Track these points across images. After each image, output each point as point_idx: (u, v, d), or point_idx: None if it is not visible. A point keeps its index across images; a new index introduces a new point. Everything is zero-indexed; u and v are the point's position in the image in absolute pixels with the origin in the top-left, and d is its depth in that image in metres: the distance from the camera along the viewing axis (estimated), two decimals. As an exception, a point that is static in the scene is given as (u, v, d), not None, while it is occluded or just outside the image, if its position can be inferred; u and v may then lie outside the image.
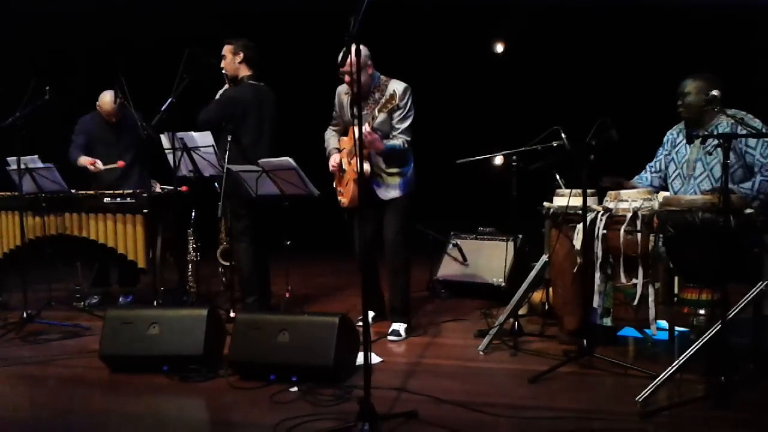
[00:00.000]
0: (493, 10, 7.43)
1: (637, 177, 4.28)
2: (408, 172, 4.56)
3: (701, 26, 6.49)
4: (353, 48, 2.94)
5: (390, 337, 4.49)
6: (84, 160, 5.38)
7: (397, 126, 4.44)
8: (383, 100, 4.30)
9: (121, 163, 5.37)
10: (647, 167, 4.27)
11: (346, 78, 4.43)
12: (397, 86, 4.42)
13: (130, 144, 5.51)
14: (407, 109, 4.44)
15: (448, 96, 7.55)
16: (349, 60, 3.14)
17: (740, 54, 6.38)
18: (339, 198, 4.70)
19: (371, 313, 4.72)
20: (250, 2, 7.47)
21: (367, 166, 4.40)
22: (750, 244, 3.46)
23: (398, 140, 4.43)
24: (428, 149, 4.77)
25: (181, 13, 7.35)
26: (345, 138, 4.66)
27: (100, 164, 5.35)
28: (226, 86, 4.98)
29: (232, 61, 4.91)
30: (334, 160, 4.65)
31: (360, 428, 2.89)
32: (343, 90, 4.67)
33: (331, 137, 4.78)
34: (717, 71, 3.93)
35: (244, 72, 4.91)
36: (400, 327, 4.54)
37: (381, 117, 4.34)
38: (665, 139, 4.22)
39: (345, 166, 4.57)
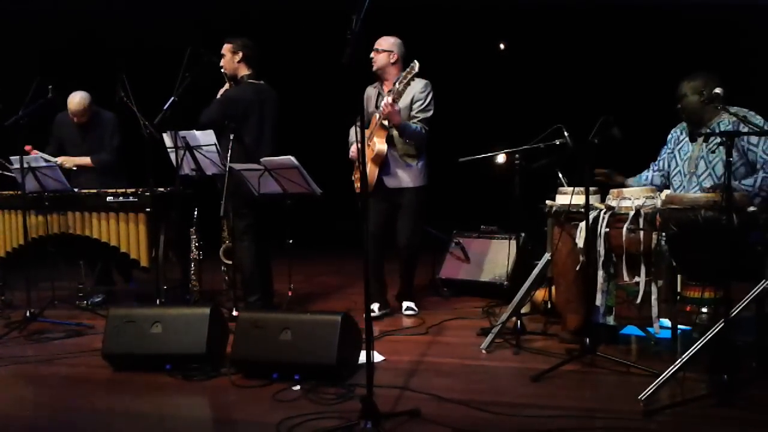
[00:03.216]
0: (496, 8, 7.42)
1: (635, 177, 4.28)
2: (421, 163, 4.82)
3: (704, 25, 6.47)
4: (355, 46, 2.96)
5: (406, 312, 5.00)
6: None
7: (416, 115, 4.73)
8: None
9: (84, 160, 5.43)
10: (651, 165, 4.27)
11: (373, 54, 4.76)
12: (418, 81, 4.66)
13: (96, 146, 5.50)
14: (427, 102, 4.76)
15: (450, 94, 7.50)
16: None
17: (741, 53, 6.36)
18: (356, 185, 4.93)
19: (377, 305, 4.91)
20: (252, 1, 7.46)
21: (384, 146, 4.65)
22: (753, 241, 3.45)
23: (416, 124, 4.69)
24: (431, 147, 4.78)
25: (182, 12, 7.35)
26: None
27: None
28: (227, 85, 4.98)
29: (231, 60, 4.91)
30: (355, 148, 4.84)
31: (362, 427, 2.89)
32: (371, 86, 4.94)
33: (354, 132, 4.92)
34: (719, 71, 3.92)
35: (244, 71, 4.92)
36: (412, 304, 5.06)
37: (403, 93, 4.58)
38: (669, 137, 4.21)
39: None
